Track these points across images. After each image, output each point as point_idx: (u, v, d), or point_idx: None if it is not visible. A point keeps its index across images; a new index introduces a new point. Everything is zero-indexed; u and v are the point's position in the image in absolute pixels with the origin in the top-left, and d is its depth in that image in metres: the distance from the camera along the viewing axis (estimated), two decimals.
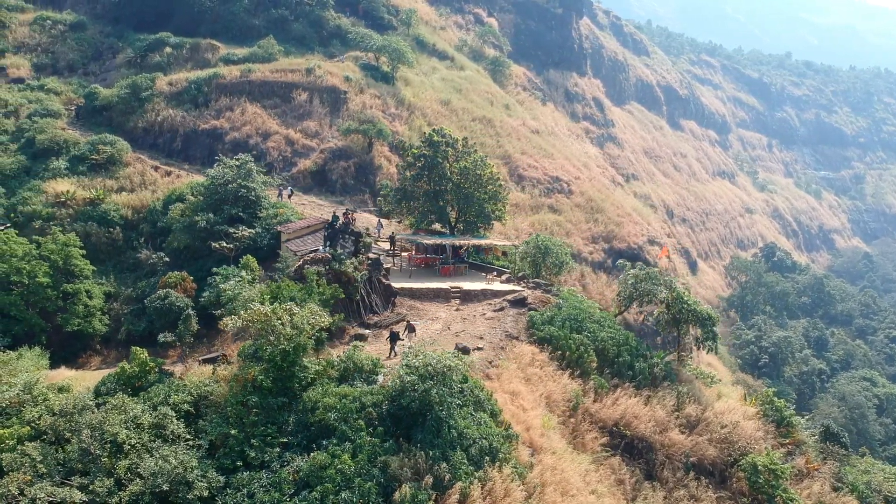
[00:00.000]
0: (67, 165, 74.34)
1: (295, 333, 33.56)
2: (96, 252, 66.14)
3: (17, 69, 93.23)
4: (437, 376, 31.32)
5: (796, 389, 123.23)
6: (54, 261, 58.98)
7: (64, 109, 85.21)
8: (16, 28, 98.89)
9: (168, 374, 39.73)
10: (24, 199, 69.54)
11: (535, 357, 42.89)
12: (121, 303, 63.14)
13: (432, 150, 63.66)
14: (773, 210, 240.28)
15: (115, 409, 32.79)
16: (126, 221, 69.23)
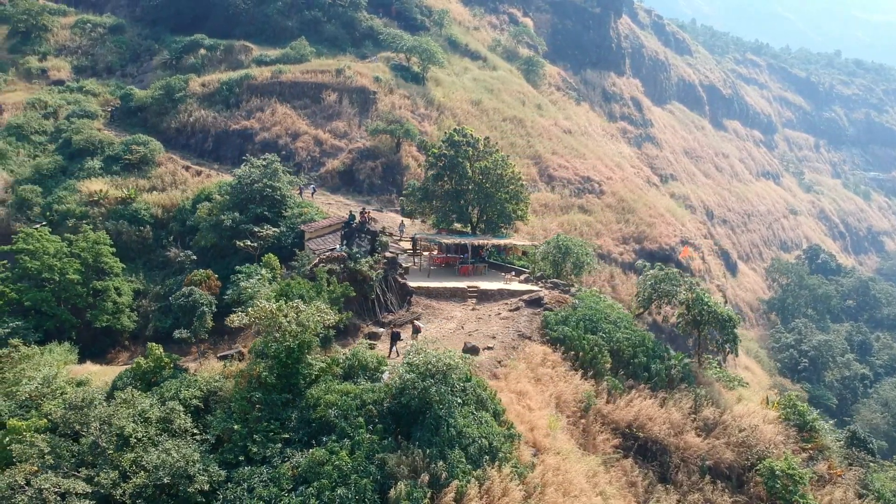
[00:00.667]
0: (102, 165, 76.02)
1: (300, 331, 33.82)
2: (127, 250, 67.49)
3: (57, 71, 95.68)
4: (437, 375, 31.30)
5: (837, 394, 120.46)
6: (84, 258, 60.33)
7: (101, 110, 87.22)
8: (58, 31, 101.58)
9: (183, 370, 40.35)
10: (60, 197, 71.31)
11: (546, 357, 42.63)
12: (149, 300, 64.36)
13: (453, 150, 63.57)
14: (820, 211, 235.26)
15: (123, 403, 33.42)
16: (156, 220, 70.51)
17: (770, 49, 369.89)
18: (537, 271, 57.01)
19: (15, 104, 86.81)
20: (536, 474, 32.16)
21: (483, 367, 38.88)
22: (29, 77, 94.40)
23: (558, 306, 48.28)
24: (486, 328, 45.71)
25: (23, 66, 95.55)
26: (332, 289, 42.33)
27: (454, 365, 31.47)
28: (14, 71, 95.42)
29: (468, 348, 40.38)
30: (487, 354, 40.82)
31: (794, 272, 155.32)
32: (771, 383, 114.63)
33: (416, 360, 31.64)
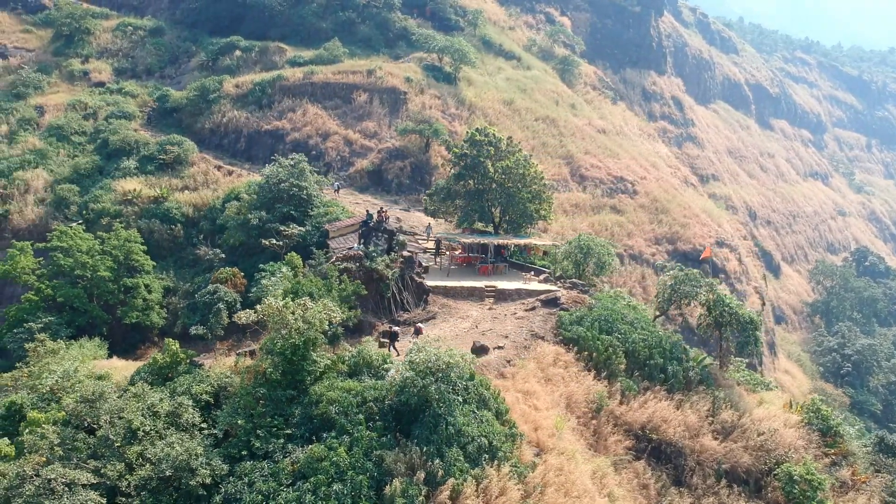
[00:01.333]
0: (137, 165, 77.68)
1: (305, 328, 34.19)
2: (158, 248, 68.85)
3: (98, 73, 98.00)
4: (437, 373, 31.38)
5: (882, 400, 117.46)
6: (116, 256, 61.72)
7: (139, 111, 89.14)
8: (100, 34, 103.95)
9: (198, 366, 41.07)
10: (96, 196, 73.10)
11: (558, 357, 42.41)
12: (178, 297, 65.47)
13: (474, 150, 63.47)
14: (870, 213, 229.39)
15: (133, 397, 34.17)
16: (187, 219, 71.78)
17: (821, 47, 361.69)
18: (557, 271, 56.69)
19: (57, 105, 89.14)
20: (537, 474, 32.04)
21: (491, 366, 38.84)
22: (71, 79, 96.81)
23: (575, 306, 47.94)
24: (501, 328, 45.62)
25: (66, 68, 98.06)
26: (342, 287, 42.67)
27: (454, 363, 31.50)
28: (57, 73, 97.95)
29: (477, 347, 40.36)
30: (497, 354, 40.75)
31: (840, 274, 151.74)
32: (811, 387, 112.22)
33: (417, 358, 31.74)
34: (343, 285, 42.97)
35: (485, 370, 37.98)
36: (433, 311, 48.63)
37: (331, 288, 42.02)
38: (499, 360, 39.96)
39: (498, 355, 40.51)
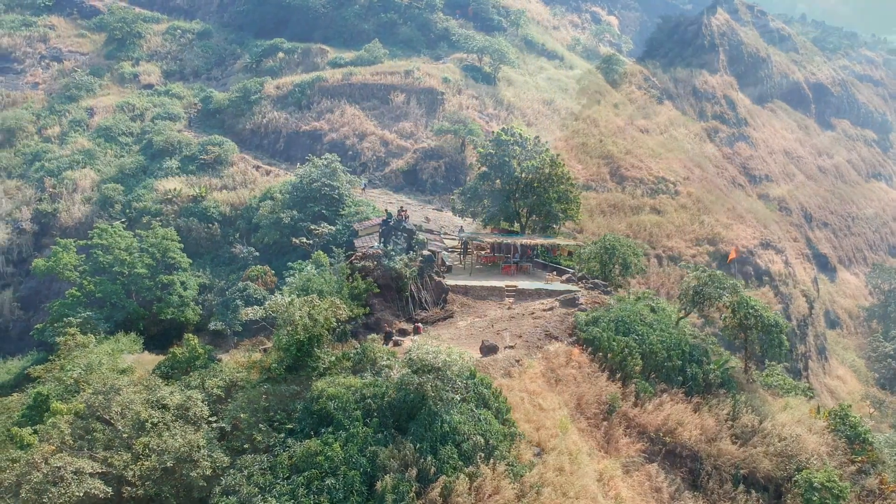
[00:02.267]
0: (179, 165, 79.66)
1: (311, 324, 34.72)
2: (196, 246, 70.51)
3: (148, 76, 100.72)
4: (433, 371, 31.55)
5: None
6: (153, 253, 63.45)
7: (183, 113, 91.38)
8: (150, 38, 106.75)
9: (216, 360, 42.05)
10: (138, 195, 75.25)
11: (571, 357, 42.10)
12: (214, 294, 66.96)
13: (500, 150, 63.16)
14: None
15: (144, 390, 35.16)
16: (224, 217, 73.33)
17: (889, 44, 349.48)
18: (582, 271, 56.13)
19: (106, 107, 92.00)
20: (535, 473, 31.92)
21: (498, 365, 38.80)
22: (122, 81, 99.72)
23: (594, 307, 47.52)
24: (516, 327, 45.48)
25: (117, 71, 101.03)
26: (355, 285, 43.12)
27: (451, 361, 31.61)
28: (109, 76, 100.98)
29: (486, 346, 40.35)
30: (506, 353, 40.64)
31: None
32: (864, 394, 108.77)
33: (414, 355, 31.98)
34: (356, 283, 43.41)
35: (490, 369, 37.97)
36: (452, 309, 48.70)
37: (342, 286, 42.52)
38: (507, 359, 39.86)
39: (507, 355, 40.40)
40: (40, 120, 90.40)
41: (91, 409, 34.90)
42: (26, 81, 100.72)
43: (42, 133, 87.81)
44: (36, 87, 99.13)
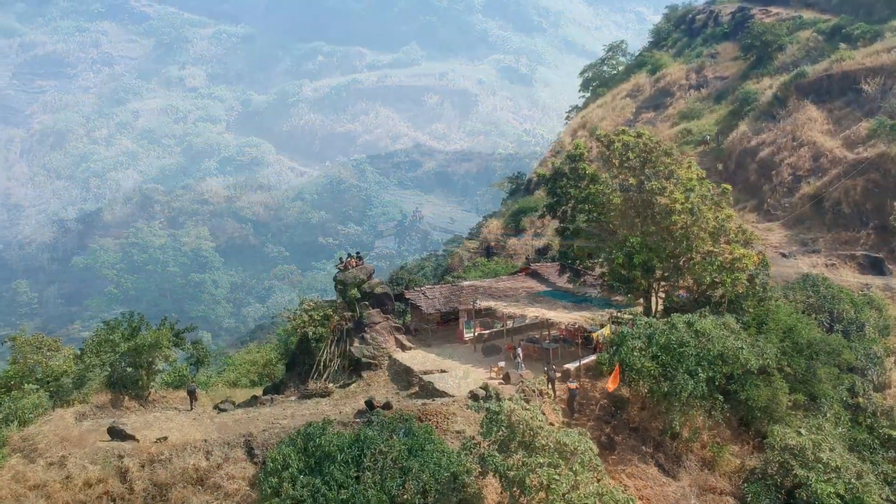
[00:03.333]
0: (217, 166, 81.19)
1: None
2: (230, 245, 71.97)
3: (193, 79, 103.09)
4: None
5: None
6: (186, 252, 65.16)
7: (224, 115, 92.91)
8: (197, 42, 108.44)
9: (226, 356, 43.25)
10: (177, 196, 77.18)
11: None
12: (244, 292, 68.43)
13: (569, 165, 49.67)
14: None
15: None
16: (258, 218, 74.84)
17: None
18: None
19: (152, 110, 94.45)
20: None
21: None
22: (168, 84, 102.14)
23: None
24: None
25: (164, 74, 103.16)
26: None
27: None
28: (156, 79, 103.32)
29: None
30: None
31: None
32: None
33: None
34: None
35: None
36: (352, 390, 41.56)
37: None
38: None
39: None
40: (89, 122, 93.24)
41: None
42: (78, 85, 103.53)
43: (90, 135, 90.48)
44: (88, 91, 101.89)
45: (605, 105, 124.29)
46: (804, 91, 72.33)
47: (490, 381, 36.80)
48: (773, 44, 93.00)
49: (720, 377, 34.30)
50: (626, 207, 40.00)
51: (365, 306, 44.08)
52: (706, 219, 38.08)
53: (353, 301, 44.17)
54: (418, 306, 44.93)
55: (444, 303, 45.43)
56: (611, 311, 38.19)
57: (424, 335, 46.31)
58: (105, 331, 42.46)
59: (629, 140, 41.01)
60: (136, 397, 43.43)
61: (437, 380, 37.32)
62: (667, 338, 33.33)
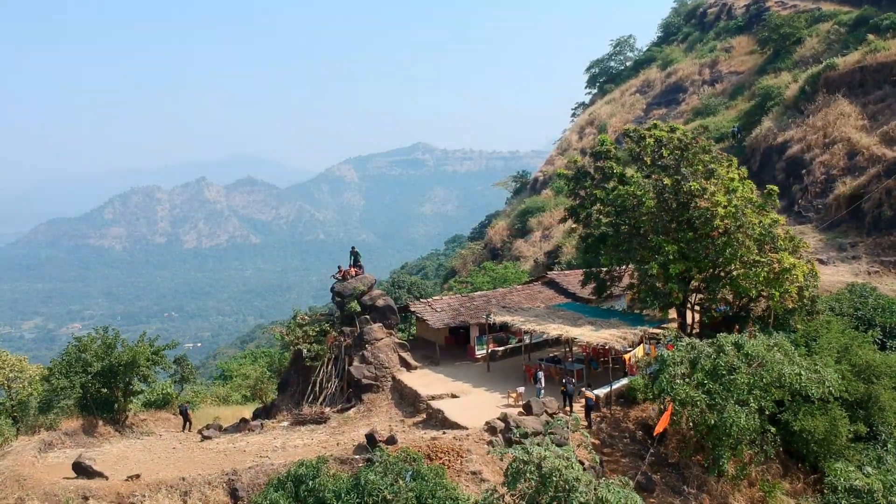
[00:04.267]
0: None
1: None
2: None
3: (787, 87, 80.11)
4: None
5: None
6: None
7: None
8: (807, 41, 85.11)
9: None
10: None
11: None
12: None
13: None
14: None
15: None
16: None
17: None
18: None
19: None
20: None
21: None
22: (751, 99, 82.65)
23: None
24: None
25: (755, 87, 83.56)
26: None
27: None
28: (742, 95, 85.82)
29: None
30: None
31: None
32: None
33: None
34: None
35: None
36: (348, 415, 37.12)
37: None
38: None
39: None
40: None
41: None
42: (678, 111, 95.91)
43: None
44: (679, 117, 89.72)
45: (614, 101, 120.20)
46: (834, 84, 67.33)
47: (508, 408, 32.52)
48: (792, 37, 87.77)
49: (771, 405, 30.03)
50: (660, 211, 35.33)
51: (366, 320, 39.69)
52: (751, 224, 33.72)
53: (353, 315, 39.82)
54: (425, 320, 40.56)
55: (454, 316, 41.00)
56: (643, 329, 33.95)
57: (431, 351, 42.04)
58: (76, 348, 38.12)
59: (662, 135, 36.80)
60: (111, 422, 39.21)
61: (447, 407, 32.95)
62: (713, 363, 28.98)
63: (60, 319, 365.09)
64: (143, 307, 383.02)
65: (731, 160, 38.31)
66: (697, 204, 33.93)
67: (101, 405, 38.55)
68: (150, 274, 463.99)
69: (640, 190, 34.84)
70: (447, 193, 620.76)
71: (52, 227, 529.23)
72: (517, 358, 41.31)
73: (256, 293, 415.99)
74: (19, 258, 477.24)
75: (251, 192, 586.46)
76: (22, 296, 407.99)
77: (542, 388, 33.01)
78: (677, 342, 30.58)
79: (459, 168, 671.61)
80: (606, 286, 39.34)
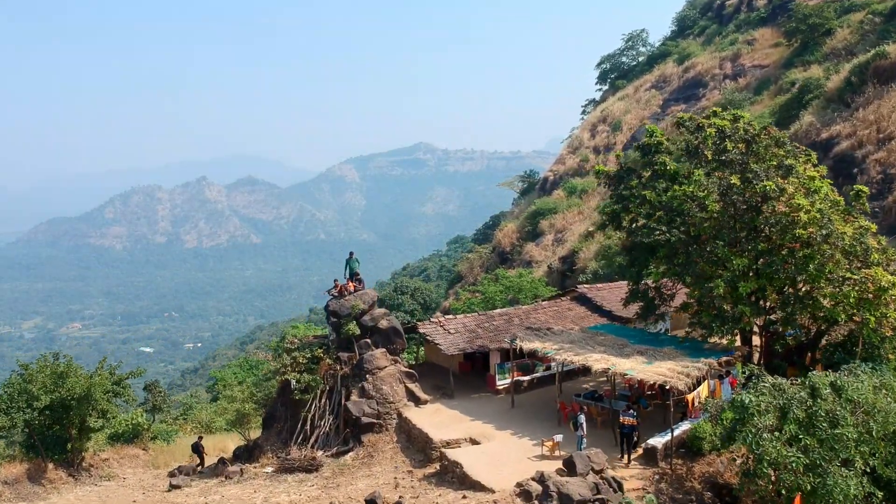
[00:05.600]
0: None
1: None
2: None
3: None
4: None
5: None
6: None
7: None
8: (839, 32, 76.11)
9: None
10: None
11: None
12: None
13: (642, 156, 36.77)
14: None
15: None
16: None
17: None
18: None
19: None
20: None
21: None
22: (779, 94, 77.33)
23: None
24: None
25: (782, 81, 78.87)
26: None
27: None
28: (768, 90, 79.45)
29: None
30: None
31: None
32: None
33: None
34: None
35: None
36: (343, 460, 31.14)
37: None
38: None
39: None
40: None
41: None
42: (698, 107, 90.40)
43: None
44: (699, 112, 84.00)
45: (628, 97, 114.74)
46: (885, 74, 60.77)
47: (542, 460, 26.26)
48: (821, 27, 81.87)
49: (881, 464, 23.77)
50: (727, 216, 29.05)
51: (366, 345, 33.30)
52: (840, 233, 27.38)
53: (351, 339, 33.44)
54: (436, 344, 34.17)
55: (470, 339, 34.55)
56: (709, 361, 27.51)
57: (443, 379, 35.69)
58: (20, 379, 31.90)
59: (724, 125, 30.42)
60: (64, 464, 32.99)
61: (466, 458, 26.51)
62: (809, 411, 22.70)
63: (60, 319, 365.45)
64: (144, 307, 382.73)
65: (809, 154, 31.96)
66: (774, 208, 27.61)
67: (51, 445, 32.41)
68: (151, 273, 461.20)
69: (702, 190, 28.49)
70: (448, 193, 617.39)
71: (52, 227, 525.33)
72: (546, 390, 34.68)
73: (257, 293, 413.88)
74: (19, 257, 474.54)
75: (252, 191, 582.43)
76: (22, 295, 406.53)
77: (584, 437, 26.73)
78: (757, 381, 24.23)
79: (461, 168, 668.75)
80: (656, 306, 32.84)
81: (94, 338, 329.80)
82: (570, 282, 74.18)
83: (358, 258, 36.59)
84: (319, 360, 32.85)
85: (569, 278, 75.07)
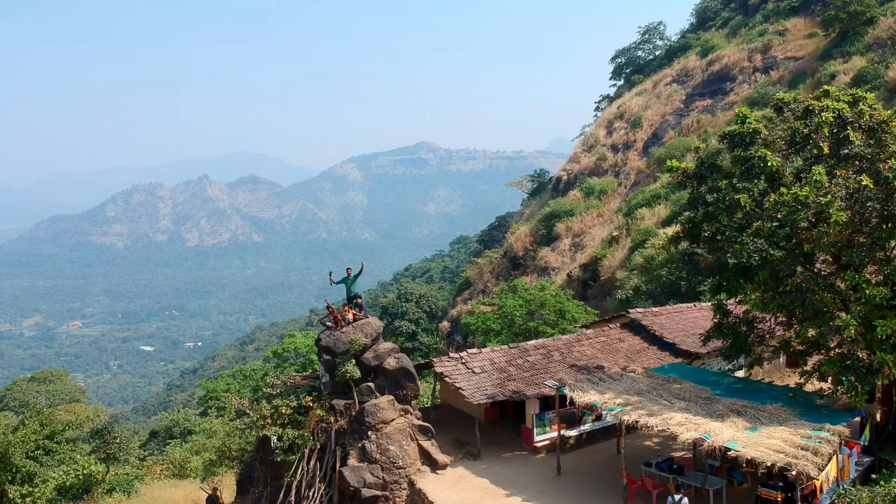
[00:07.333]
0: None
1: None
2: None
3: (845, 75, 72.01)
4: None
5: None
6: None
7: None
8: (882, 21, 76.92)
9: None
10: None
11: None
12: None
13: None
14: None
15: None
16: None
17: None
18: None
19: None
20: None
21: None
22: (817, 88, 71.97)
23: None
24: None
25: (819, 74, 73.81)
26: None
27: None
28: (804, 83, 74.18)
29: None
30: None
31: None
32: None
33: None
34: None
35: None
36: None
37: None
38: None
39: None
40: None
41: None
42: (726, 101, 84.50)
43: None
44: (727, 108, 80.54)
45: (646, 92, 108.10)
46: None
47: None
48: (862, 16, 75.52)
49: None
50: (856, 229, 21.60)
51: (368, 391, 25.82)
52: None
53: (349, 382, 25.88)
54: (458, 388, 26.64)
55: (501, 382, 26.93)
56: (838, 430, 19.82)
57: (465, 431, 28.21)
58: None
59: (843, 108, 22.72)
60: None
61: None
62: None
63: (61, 317, 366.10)
64: (145, 305, 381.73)
65: None
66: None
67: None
68: (152, 272, 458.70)
69: (824, 195, 20.80)
70: (451, 193, 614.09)
71: (53, 224, 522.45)
72: (598, 448, 27.32)
73: (258, 292, 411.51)
74: (21, 255, 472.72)
75: (254, 190, 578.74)
76: (23, 293, 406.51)
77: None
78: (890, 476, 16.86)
79: (463, 167, 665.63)
80: (750, 346, 24.78)
81: (95, 336, 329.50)
82: (593, 291, 67.19)
83: (358, 274, 28.46)
84: (308, 409, 25.35)
85: (591, 288, 68.15)
